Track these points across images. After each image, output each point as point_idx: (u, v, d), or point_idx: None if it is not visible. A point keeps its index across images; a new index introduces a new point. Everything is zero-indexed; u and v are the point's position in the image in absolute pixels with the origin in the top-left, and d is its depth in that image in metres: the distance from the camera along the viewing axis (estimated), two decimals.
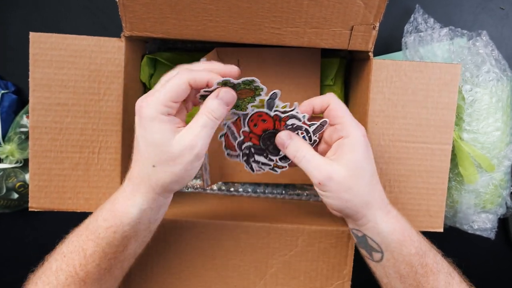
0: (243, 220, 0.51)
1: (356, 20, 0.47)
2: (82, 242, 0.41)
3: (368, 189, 0.42)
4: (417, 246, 0.43)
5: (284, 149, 0.44)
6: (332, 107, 0.43)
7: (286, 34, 0.48)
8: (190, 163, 0.39)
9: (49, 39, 0.49)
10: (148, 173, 0.39)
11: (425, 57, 0.63)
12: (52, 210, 0.51)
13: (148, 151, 0.39)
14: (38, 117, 0.50)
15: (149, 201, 0.41)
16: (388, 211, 0.43)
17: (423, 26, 0.63)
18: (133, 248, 0.43)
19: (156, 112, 0.38)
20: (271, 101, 0.43)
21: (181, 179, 0.40)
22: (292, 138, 0.44)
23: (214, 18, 0.47)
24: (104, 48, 0.49)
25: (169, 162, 0.38)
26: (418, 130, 0.52)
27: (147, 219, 0.42)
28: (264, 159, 0.48)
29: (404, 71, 0.51)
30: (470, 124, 0.58)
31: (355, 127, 0.42)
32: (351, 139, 0.42)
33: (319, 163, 0.42)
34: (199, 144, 0.38)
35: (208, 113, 0.39)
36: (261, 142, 0.47)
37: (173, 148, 0.38)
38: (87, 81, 0.50)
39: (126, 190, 0.41)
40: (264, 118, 0.45)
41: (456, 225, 0.63)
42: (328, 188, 0.41)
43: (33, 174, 0.50)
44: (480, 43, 0.60)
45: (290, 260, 0.52)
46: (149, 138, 0.38)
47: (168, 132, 0.38)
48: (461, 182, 0.60)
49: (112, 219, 0.41)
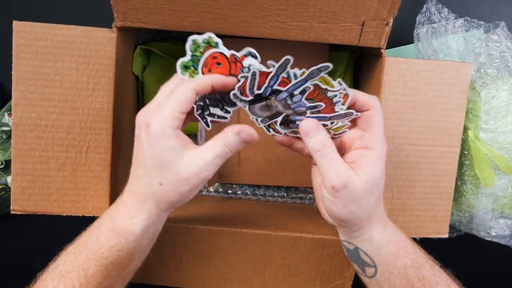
0: (242, 227, 0.51)
1: (368, 15, 0.46)
2: (81, 261, 0.41)
3: (374, 205, 0.42)
4: (412, 258, 0.43)
5: (307, 138, 0.42)
6: (372, 113, 0.42)
7: (292, 28, 0.47)
8: (196, 186, 0.40)
9: (34, 29, 0.48)
10: (153, 191, 0.40)
11: (438, 50, 0.62)
12: (36, 214, 0.51)
13: (156, 169, 0.39)
14: (21, 113, 0.49)
15: (153, 217, 0.41)
16: (385, 224, 0.44)
17: (436, 16, 0.63)
18: (135, 264, 0.44)
19: (165, 127, 0.38)
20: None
21: (185, 198, 0.41)
22: (320, 129, 0.42)
23: (213, 9, 0.46)
24: (93, 39, 0.48)
25: (177, 183, 0.39)
26: (427, 133, 0.52)
27: (151, 234, 0.43)
28: (220, 111, 0.45)
29: (416, 70, 0.51)
30: (487, 123, 0.57)
31: (382, 142, 0.42)
32: (376, 153, 0.41)
33: (339, 167, 0.41)
34: (208, 172, 0.39)
35: (225, 146, 0.40)
36: (216, 92, 0.44)
37: (182, 169, 0.39)
38: (75, 74, 0.49)
39: (128, 206, 0.42)
40: (219, 60, 0.42)
41: (472, 231, 0.63)
42: (339, 195, 0.40)
43: (16, 175, 0.50)
44: (498, 35, 0.59)
45: (290, 263, 0.53)
46: (159, 156, 0.39)
47: (177, 151, 0.39)
48: (477, 185, 0.59)
49: (116, 237, 0.41)
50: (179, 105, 0.39)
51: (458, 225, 0.63)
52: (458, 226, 0.63)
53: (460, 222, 0.62)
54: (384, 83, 0.50)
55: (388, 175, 0.51)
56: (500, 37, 0.59)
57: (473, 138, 0.57)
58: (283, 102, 0.41)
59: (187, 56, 0.42)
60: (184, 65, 0.42)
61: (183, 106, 0.39)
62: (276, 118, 0.44)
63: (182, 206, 0.56)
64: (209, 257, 0.53)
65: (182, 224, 0.51)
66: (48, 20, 0.48)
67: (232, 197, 0.63)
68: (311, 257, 0.52)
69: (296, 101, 0.41)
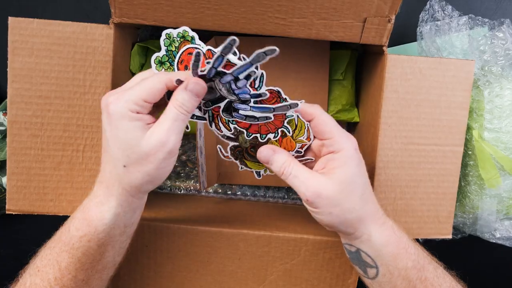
0: (242, 227, 0.51)
1: (370, 11, 0.46)
2: (55, 254, 0.41)
3: (360, 204, 0.42)
4: (414, 259, 0.43)
5: (269, 166, 0.44)
6: (318, 122, 0.42)
7: (292, 25, 0.47)
8: (163, 161, 0.38)
9: (30, 25, 0.47)
10: (119, 174, 0.39)
11: (442, 48, 0.61)
12: (32, 214, 0.50)
13: (118, 151, 0.38)
14: (17, 110, 0.49)
15: (123, 204, 0.40)
16: (383, 223, 0.43)
17: (440, 14, 0.62)
18: (110, 256, 0.43)
19: (125, 109, 0.38)
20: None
21: (155, 178, 0.40)
22: (275, 152, 0.43)
23: (212, 5, 0.46)
24: (90, 36, 0.48)
25: (141, 161, 0.38)
26: (430, 132, 0.51)
27: (122, 223, 0.42)
28: (198, 111, 0.44)
29: (419, 68, 0.50)
30: (491, 122, 0.57)
31: (346, 141, 0.42)
32: (343, 153, 0.41)
33: (306, 178, 0.41)
34: (171, 140, 0.38)
35: (178, 106, 0.38)
36: None
37: (144, 146, 0.38)
38: (72, 71, 0.48)
39: (98, 195, 0.41)
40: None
41: (476, 233, 0.62)
42: (316, 205, 0.41)
43: (11, 174, 0.49)
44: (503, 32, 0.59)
45: (292, 268, 0.52)
46: (119, 136, 0.38)
47: (138, 130, 0.38)
48: (482, 186, 0.58)
49: (86, 227, 0.40)
50: (145, 93, 0.38)
51: (462, 227, 0.62)
52: (462, 228, 0.62)
53: (464, 224, 0.62)
54: (386, 81, 0.50)
55: (391, 175, 0.51)
56: (505, 35, 0.58)
57: (478, 138, 0.57)
58: (227, 86, 0.40)
59: (161, 51, 0.41)
60: (159, 60, 0.42)
61: (148, 95, 0.38)
62: (220, 103, 0.42)
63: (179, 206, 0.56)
64: (207, 263, 0.52)
65: (180, 225, 0.50)
66: (44, 17, 0.48)
67: (231, 198, 0.63)
68: (312, 262, 0.52)
69: (241, 87, 0.40)
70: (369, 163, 0.52)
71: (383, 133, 0.50)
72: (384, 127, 0.50)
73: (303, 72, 0.58)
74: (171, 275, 0.52)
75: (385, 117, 0.50)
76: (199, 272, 0.52)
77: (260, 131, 0.44)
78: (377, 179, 0.51)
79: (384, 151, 0.51)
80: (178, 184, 0.62)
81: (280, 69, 0.58)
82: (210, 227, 0.51)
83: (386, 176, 0.51)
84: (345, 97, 0.60)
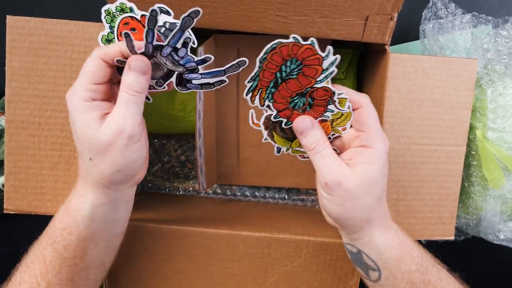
0: (241, 229, 0.50)
1: (372, 9, 0.45)
2: (41, 248, 0.41)
3: (373, 206, 0.41)
4: (417, 262, 0.42)
5: (302, 137, 0.42)
6: (363, 112, 0.41)
7: (293, 23, 0.46)
8: (126, 148, 0.37)
9: (27, 24, 0.47)
10: (88, 168, 0.39)
11: (445, 46, 0.61)
12: (30, 214, 0.50)
13: (80, 144, 0.38)
14: (14, 110, 0.48)
15: (99, 196, 0.40)
16: (387, 227, 0.43)
17: (443, 12, 0.62)
18: (94, 254, 0.42)
19: (78, 100, 0.37)
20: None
21: (124, 167, 0.39)
22: (314, 126, 0.42)
23: (211, 3, 0.45)
24: (88, 35, 0.47)
25: (103, 152, 0.37)
26: (433, 132, 0.51)
27: (102, 217, 0.41)
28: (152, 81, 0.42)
29: (422, 67, 0.50)
30: (495, 122, 0.56)
31: (381, 140, 0.41)
32: (374, 151, 0.40)
33: (333, 162, 0.40)
34: (128, 125, 0.37)
35: (127, 89, 0.38)
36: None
37: (101, 137, 0.37)
38: (69, 71, 0.48)
39: (78, 187, 0.41)
40: (133, 25, 0.40)
41: (480, 234, 0.61)
42: (333, 192, 0.40)
43: (9, 173, 0.49)
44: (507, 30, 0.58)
45: (292, 270, 0.52)
46: (78, 131, 0.38)
47: (93, 121, 0.37)
48: (485, 186, 0.58)
49: (67, 219, 0.40)
50: (88, 77, 0.37)
51: (466, 228, 0.62)
52: (466, 229, 0.62)
53: (468, 225, 0.61)
54: (388, 80, 0.49)
55: (393, 175, 0.51)
56: (509, 33, 0.58)
57: (481, 138, 0.56)
58: (170, 59, 0.40)
59: (105, 29, 0.41)
60: (105, 39, 0.41)
61: (92, 77, 0.37)
62: (171, 79, 0.42)
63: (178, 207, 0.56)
64: (206, 265, 0.51)
65: (179, 227, 0.50)
66: (43, 16, 0.48)
67: (231, 198, 0.62)
68: (313, 264, 0.51)
69: (183, 56, 0.39)
70: None
71: (385, 133, 0.49)
72: (386, 127, 0.50)
73: None
74: (170, 277, 0.52)
75: (387, 117, 0.50)
76: (198, 274, 0.52)
77: (290, 118, 0.42)
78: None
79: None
80: (176, 185, 0.62)
81: None
82: (209, 228, 0.50)
83: (389, 176, 0.50)
84: None
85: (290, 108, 0.42)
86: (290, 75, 0.40)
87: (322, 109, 0.42)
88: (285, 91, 0.41)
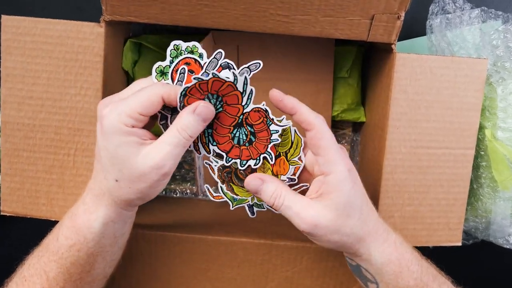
0: (241, 235, 0.49)
1: (378, 8, 0.43)
2: (43, 264, 0.40)
3: (359, 225, 0.39)
4: (416, 277, 0.41)
5: (259, 196, 0.41)
6: (317, 135, 0.38)
7: (295, 22, 0.45)
8: (157, 182, 0.37)
9: (21, 23, 0.46)
10: (110, 187, 0.38)
11: (453, 42, 0.59)
12: (25, 216, 0.49)
13: (110, 164, 0.37)
14: (10, 111, 0.47)
15: (112, 215, 0.39)
16: (385, 240, 0.41)
17: (451, 6, 0.60)
18: (101, 268, 0.42)
19: (119, 123, 0.36)
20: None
21: (146, 196, 0.39)
22: (264, 181, 0.40)
23: (210, 2, 0.43)
24: (81, 35, 0.46)
25: (134, 179, 0.37)
26: (441, 134, 0.49)
27: (112, 233, 0.41)
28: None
29: (429, 67, 0.48)
30: (505, 121, 0.54)
31: (339, 162, 0.38)
32: (335, 176, 0.38)
33: (300, 209, 0.38)
34: (168, 165, 0.37)
35: (182, 130, 0.36)
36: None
37: (138, 165, 0.36)
38: (63, 72, 0.46)
39: (87, 202, 0.40)
40: (192, 68, 0.39)
41: (489, 238, 0.59)
42: (315, 234, 0.39)
43: (5, 175, 0.48)
44: None
45: (293, 275, 0.51)
46: (112, 151, 0.36)
47: (131, 146, 0.36)
48: (495, 188, 0.55)
49: (75, 236, 0.39)
50: (140, 106, 0.36)
51: (474, 232, 0.60)
52: (474, 233, 0.60)
53: (476, 229, 0.59)
54: (394, 81, 0.47)
55: (399, 180, 0.49)
56: None
57: (490, 138, 0.54)
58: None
59: (166, 61, 0.39)
60: (160, 70, 0.40)
61: (143, 108, 0.36)
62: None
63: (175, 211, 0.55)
64: (205, 270, 0.50)
65: (176, 233, 0.49)
66: (33, 13, 0.46)
67: None
68: (315, 270, 0.50)
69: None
70: (375, 167, 0.50)
71: (391, 136, 0.48)
72: (392, 130, 0.48)
73: (306, 70, 0.55)
74: (168, 281, 0.51)
75: (393, 119, 0.48)
76: (197, 279, 0.51)
77: (241, 156, 0.41)
78: (384, 184, 0.49)
79: (392, 155, 0.48)
80: (173, 187, 0.60)
81: (281, 67, 0.55)
82: (207, 235, 0.49)
83: (394, 181, 0.49)
84: (350, 96, 0.57)
85: (236, 145, 0.40)
86: (217, 110, 0.38)
87: (266, 133, 0.40)
88: (221, 128, 0.39)
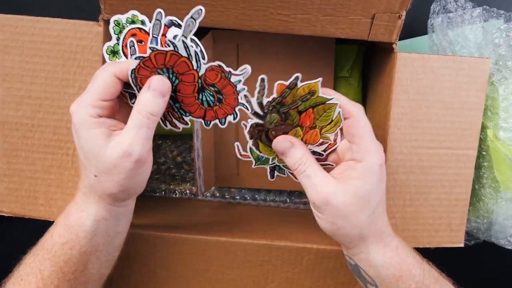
0: (241, 236, 0.49)
1: (379, 7, 0.43)
2: (38, 262, 0.40)
3: (368, 222, 0.39)
4: (417, 281, 0.40)
5: (284, 158, 0.41)
6: (353, 123, 0.38)
7: (296, 21, 0.44)
8: (132, 171, 0.36)
9: (19, 22, 0.46)
10: (92, 183, 0.38)
11: (454, 41, 0.59)
12: (24, 217, 0.49)
13: (86, 160, 0.37)
14: (8, 111, 0.47)
15: (101, 211, 0.39)
16: (386, 244, 0.40)
17: (452, 5, 0.60)
18: (95, 268, 0.41)
19: (84, 115, 0.36)
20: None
21: (129, 188, 0.38)
22: (293, 145, 0.40)
23: (210, 1, 0.43)
24: (79, 34, 0.45)
25: (109, 172, 0.36)
26: (442, 134, 0.49)
27: (104, 231, 0.40)
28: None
29: (431, 67, 0.47)
30: (507, 121, 0.54)
31: (373, 154, 0.38)
32: (365, 165, 0.38)
33: (319, 181, 0.38)
34: (137, 149, 0.36)
35: (141, 110, 0.36)
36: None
37: (108, 157, 0.36)
38: (61, 71, 0.46)
39: (78, 201, 0.40)
40: (140, 37, 0.39)
41: (491, 239, 0.59)
42: (323, 211, 0.38)
43: (3, 175, 0.48)
44: None
45: (293, 276, 0.51)
46: (83, 146, 0.36)
47: (99, 139, 0.36)
48: (497, 189, 0.55)
49: (67, 234, 0.39)
50: (98, 92, 0.36)
51: (476, 232, 0.59)
52: (476, 234, 0.60)
53: (478, 229, 0.59)
54: (395, 81, 0.47)
55: (400, 181, 0.48)
56: None
57: (492, 138, 0.54)
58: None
59: (112, 40, 0.39)
60: (111, 50, 0.39)
61: (103, 93, 0.36)
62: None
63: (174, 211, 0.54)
64: (204, 271, 0.50)
65: (175, 234, 0.48)
66: (33, 13, 0.46)
67: (230, 202, 0.60)
68: (316, 270, 0.50)
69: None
70: None
71: (392, 136, 0.47)
72: (393, 130, 0.47)
73: (307, 69, 0.55)
74: (166, 282, 0.51)
75: (394, 120, 0.47)
76: (196, 279, 0.50)
77: (218, 116, 0.40)
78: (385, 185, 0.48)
79: (393, 155, 0.48)
80: (173, 187, 0.60)
81: (281, 66, 0.55)
82: (206, 236, 0.48)
83: (395, 181, 0.48)
84: (351, 95, 0.57)
85: (208, 108, 0.39)
86: (174, 83, 0.37)
87: (230, 87, 0.38)
88: (186, 98, 0.38)
